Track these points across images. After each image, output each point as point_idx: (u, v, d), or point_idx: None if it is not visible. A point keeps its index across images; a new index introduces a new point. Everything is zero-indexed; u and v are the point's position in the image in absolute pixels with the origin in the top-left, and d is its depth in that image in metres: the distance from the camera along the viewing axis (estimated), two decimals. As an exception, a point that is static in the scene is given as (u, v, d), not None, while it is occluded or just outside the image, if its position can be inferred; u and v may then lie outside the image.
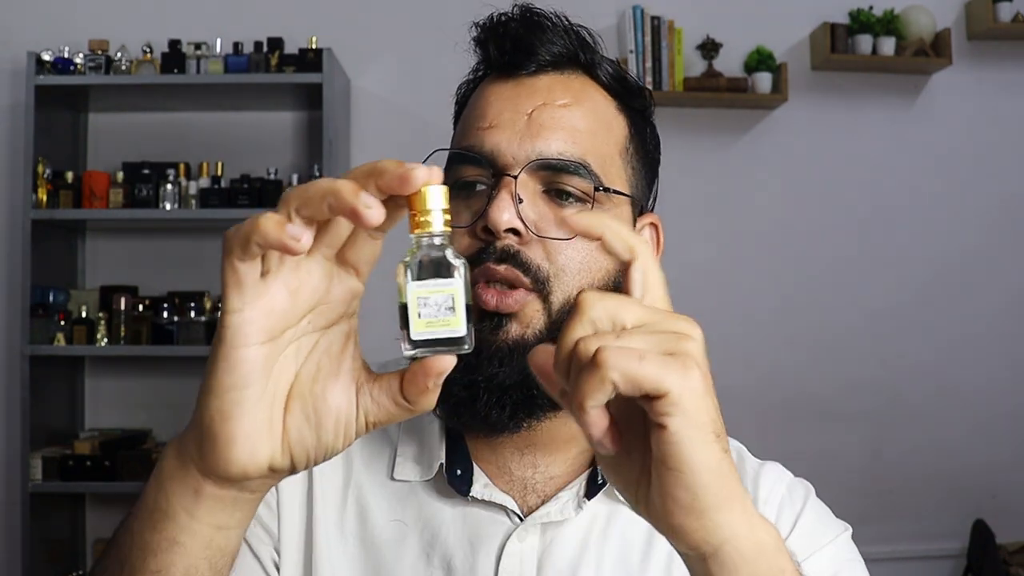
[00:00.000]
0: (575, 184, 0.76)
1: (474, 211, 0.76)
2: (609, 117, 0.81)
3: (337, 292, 0.51)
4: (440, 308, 0.48)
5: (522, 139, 0.76)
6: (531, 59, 0.79)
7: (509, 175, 0.75)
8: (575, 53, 0.80)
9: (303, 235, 0.46)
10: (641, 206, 0.83)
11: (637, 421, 0.50)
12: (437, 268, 0.48)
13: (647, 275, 0.52)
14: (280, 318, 0.50)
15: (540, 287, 0.74)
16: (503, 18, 0.80)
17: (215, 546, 0.56)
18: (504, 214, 0.73)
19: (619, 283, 0.79)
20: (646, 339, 0.48)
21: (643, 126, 0.85)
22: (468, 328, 0.48)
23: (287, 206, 0.47)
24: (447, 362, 0.49)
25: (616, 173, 0.79)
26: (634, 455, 0.52)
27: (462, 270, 0.48)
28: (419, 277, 0.48)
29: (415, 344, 0.48)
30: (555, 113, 0.77)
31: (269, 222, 0.46)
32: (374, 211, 0.46)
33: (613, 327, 0.48)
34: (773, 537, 0.53)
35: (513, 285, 0.74)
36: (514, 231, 0.74)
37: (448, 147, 0.82)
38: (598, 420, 0.48)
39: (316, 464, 0.53)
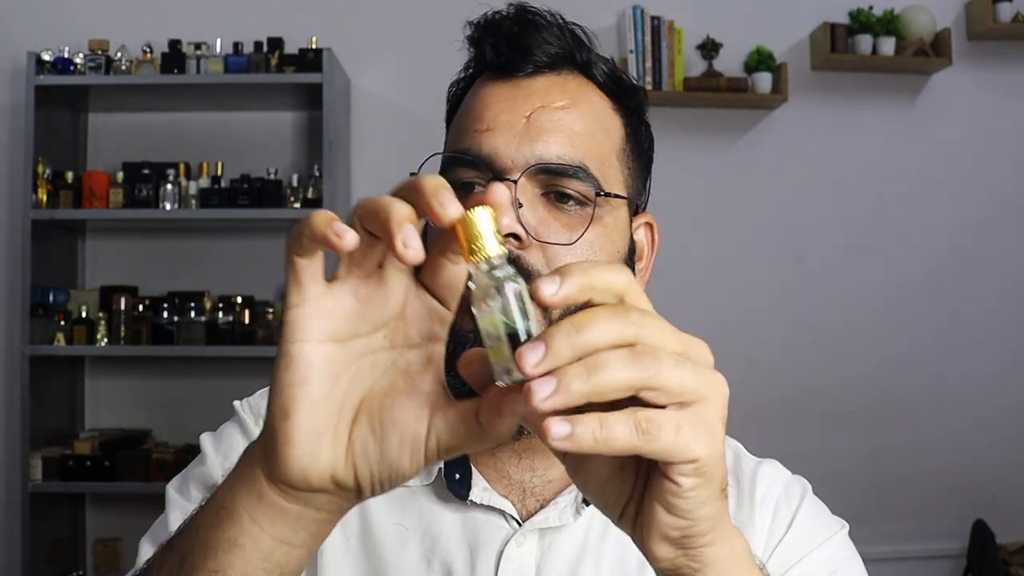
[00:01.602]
0: (575, 187, 0.75)
1: None
2: (606, 118, 0.80)
3: (416, 310, 0.50)
4: (493, 339, 0.45)
5: (520, 142, 0.75)
6: (527, 60, 0.78)
7: (508, 179, 0.74)
8: (571, 53, 0.79)
9: (347, 233, 0.45)
10: (636, 206, 0.83)
11: None
12: (487, 297, 0.46)
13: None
14: (346, 323, 0.49)
15: None
16: (498, 17, 0.79)
17: (275, 560, 0.53)
18: (504, 219, 0.72)
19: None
20: (692, 376, 0.46)
21: (638, 125, 0.84)
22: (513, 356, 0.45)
23: (355, 212, 0.47)
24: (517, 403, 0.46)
25: (614, 175, 0.79)
26: (624, 476, 0.51)
27: (508, 294, 0.45)
28: (476, 308, 0.46)
29: (497, 375, 0.46)
30: (553, 116, 0.76)
31: (320, 217, 0.46)
32: (411, 252, 0.44)
33: (655, 350, 0.45)
34: (745, 547, 0.54)
35: None
36: (514, 236, 0.73)
37: (443, 147, 0.81)
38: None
39: (383, 487, 0.51)
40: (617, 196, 0.78)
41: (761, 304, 3.15)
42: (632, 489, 0.50)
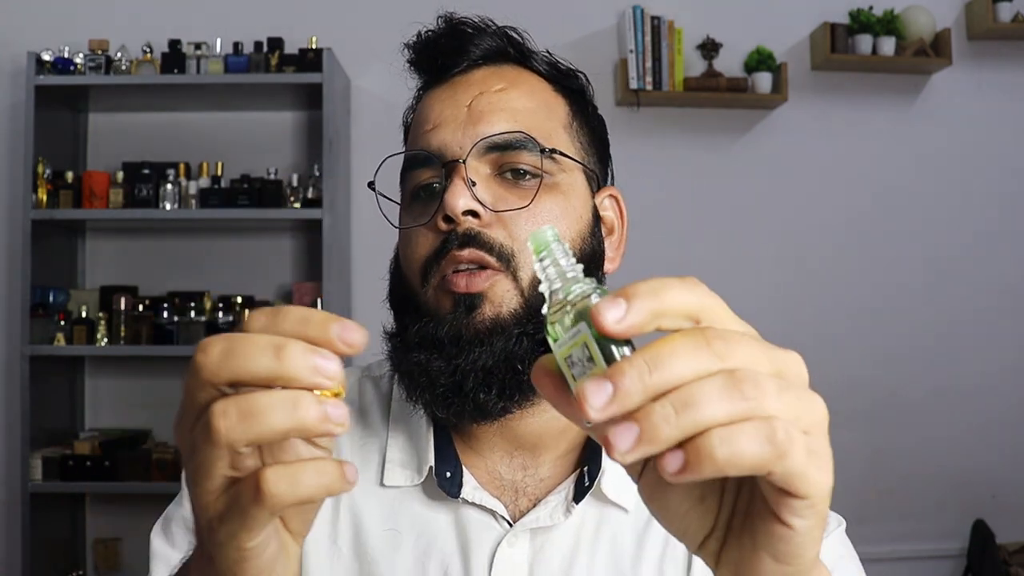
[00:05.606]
0: (524, 160, 0.77)
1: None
2: (547, 97, 0.82)
3: None
4: (579, 364, 0.42)
5: (465, 128, 0.77)
6: (462, 57, 0.81)
7: (457, 161, 0.76)
8: (504, 48, 0.82)
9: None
10: (598, 180, 0.84)
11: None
12: (563, 321, 0.43)
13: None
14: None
15: (506, 265, 0.75)
16: (430, 34, 0.83)
17: None
18: (459, 199, 0.74)
19: (588, 252, 0.79)
20: (797, 402, 0.40)
21: (584, 106, 0.86)
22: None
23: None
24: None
25: (564, 146, 0.80)
26: (705, 508, 0.46)
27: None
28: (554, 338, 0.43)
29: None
30: (492, 98, 0.79)
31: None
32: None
33: (753, 376, 0.39)
34: None
35: (480, 266, 0.74)
36: (472, 213, 0.75)
37: (399, 157, 0.83)
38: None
39: None
40: (563, 155, 0.79)
41: (760, 304, 3.14)
42: (715, 522, 0.46)
